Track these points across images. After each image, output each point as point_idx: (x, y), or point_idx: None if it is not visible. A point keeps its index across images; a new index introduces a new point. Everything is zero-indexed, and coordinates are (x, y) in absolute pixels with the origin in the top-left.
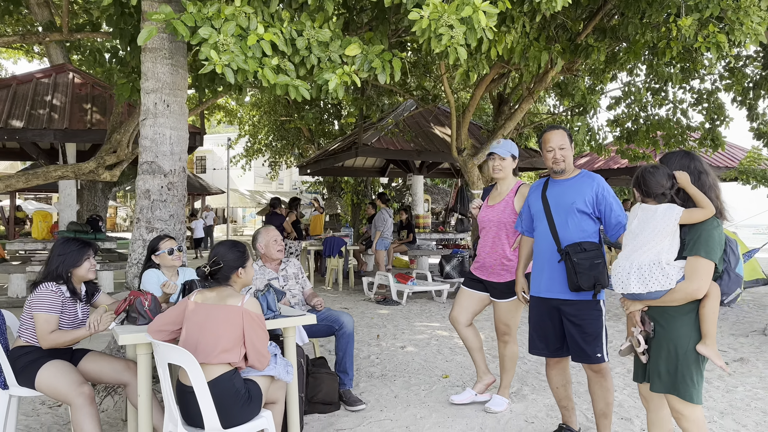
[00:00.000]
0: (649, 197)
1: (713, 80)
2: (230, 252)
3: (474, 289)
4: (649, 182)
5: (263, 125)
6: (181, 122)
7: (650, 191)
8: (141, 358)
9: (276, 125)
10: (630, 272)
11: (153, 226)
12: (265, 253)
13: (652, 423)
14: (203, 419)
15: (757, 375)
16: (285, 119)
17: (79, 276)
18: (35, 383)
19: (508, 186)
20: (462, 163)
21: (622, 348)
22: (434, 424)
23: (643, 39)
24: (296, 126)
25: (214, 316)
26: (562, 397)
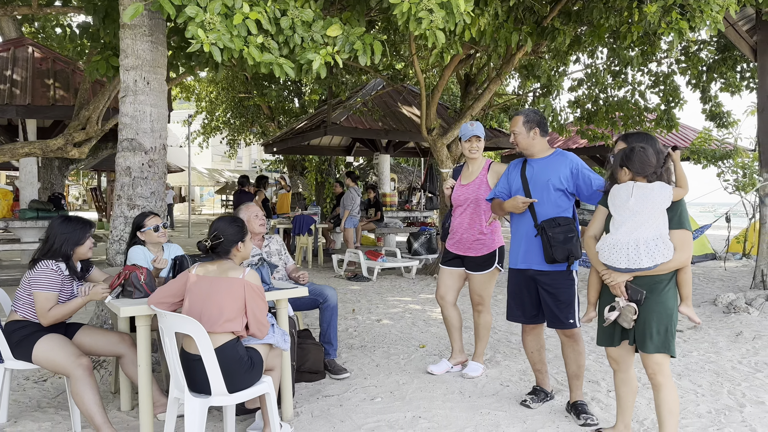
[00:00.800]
0: (640, 175)
1: (670, 63)
2: (230, 227)
3: (454, 266)
4: (642, 161)
5: (221, 102)
6: (161, 99)
7: (642, 170)
8: (141, 330)
9: (234, 102)
10: (638, 248)
11: (134, 203)
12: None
13: (621, 382)
14: (210, 385)
15: (709, 341)
16: (243, 96)
17: (80, 254)
18: (32, 356)
19: (479, 165)
20: (431, 143)
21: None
22: (416, 389)
23: (607, 23)
24: (255, 103)
25: (216, 287)
26: (536, 360)
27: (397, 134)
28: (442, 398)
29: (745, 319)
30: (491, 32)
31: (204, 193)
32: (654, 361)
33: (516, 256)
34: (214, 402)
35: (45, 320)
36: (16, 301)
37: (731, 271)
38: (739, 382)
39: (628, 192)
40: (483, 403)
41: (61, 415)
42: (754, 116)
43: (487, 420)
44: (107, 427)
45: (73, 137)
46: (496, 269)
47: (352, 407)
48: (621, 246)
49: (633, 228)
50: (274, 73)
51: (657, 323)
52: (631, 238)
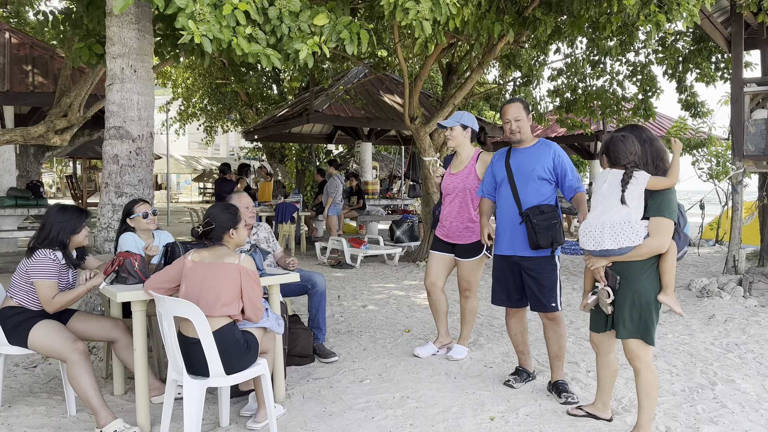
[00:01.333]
0: (616, 165)
1: (647, 54)
2: (222, 214)
3: (444, 252)
4: (618, 151)
5: (197, 88)
6: (148, 87)
7: (618, 159)
8: (136, 315)
9: (211, 88)
10: (603, 230)
11: (122, 190)
12: None
13: (601, 365)
14: (208, 367)
15: (683, 324)
16: (221, 82)
17: (76, 242)
18: (28, 342)
19: (468, 154)
20: (414, 131)
21: (588, 302)
22: (403, 371)
23: (587, 14)
24: (233, 90)
25: (213, 273)
26: (519, 342)
27: (379, 122)
28: (429, 379)
29: (717, 303)
30: (474, 22)
31: (181, 181)
32: (630, 347)
33: (501, 243)
34: (212, 383)
35: (50, 308)
36: (11, 287)
37: (705, 257)
38: (711, 362)
39: (604, 178)
40: (468, 384)
41: (54, 400)
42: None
43: (473, 399)
44: (104, 409)
45: (55, 124)
46: (485, 256)
47: (342, 389)
48: (590, 229)
49: (602, 212)
50: (261, 63)
51: (630, 310)
52: (598, 222)
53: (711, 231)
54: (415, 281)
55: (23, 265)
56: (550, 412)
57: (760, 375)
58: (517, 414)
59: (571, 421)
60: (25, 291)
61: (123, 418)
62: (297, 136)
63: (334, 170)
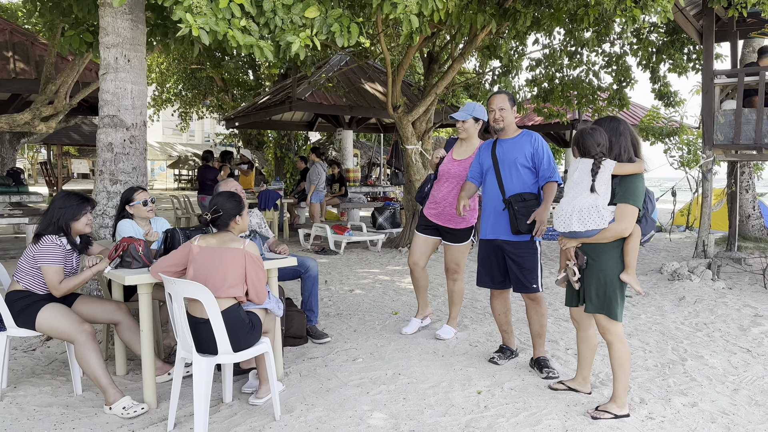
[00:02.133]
0: (585, 155)
1: (622, 45)
2: (228, 201)
3: (429, 235)
4: (586, 143)
5: (172, 73)
6: (141, 77)
7: (587, 150)
8: (143, 297)
9: (186, 74)
10: (572, 214)
11: (117, 178)
12: None
13: (581, 340)
14: (217, 345)
15: (655, 305)
16: (196, 68)
17: (76, 229)
18: (36, 324)
19: (472, 145)
20: (397, 120)
21: (558, 278)
22: (394, 350)
23: (566, 6)
24: (208, 75)
25: (219, 257)
26: (503, 322)
27: (361, 110)
28: (419, 357)
29: (687, 286)
30: (458, 14)
31: (155, 168)
32: (599, 321)
33: (486, 228)
34: (220, 360)
35: (58, 292)
36: (17, 272)
37: (676, 243)
38: (681, 340)
39: (575, 166)
40: (455, 361)
41: (58, 381)
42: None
43: (460, 375)
44: (112, 387)
45: (41, 111)
46: (471, 242)
47: (337, 367)
48: (561, 212)
49: (573, 197)
50: (254, 54)
51: (596, 287)
52: (569, 206)
53: (682, 217)
54: (399, 266)
55: (30, 250)
56: (533, 386)
57: (726, 351)
58: (502, 388)
59: (552, 394)
60: (32, 275)
61: (130, 396)
62: (278, 123)
63: (317, 158)
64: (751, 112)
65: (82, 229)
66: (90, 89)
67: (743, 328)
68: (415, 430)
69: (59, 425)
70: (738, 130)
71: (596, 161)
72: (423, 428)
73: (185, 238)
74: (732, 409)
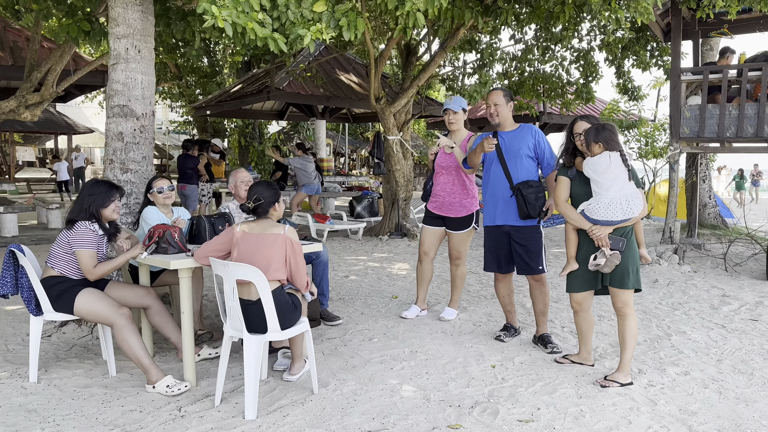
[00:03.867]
0: (612, 149)
1: (589, 41)
2: (267, 190)
3: (435, 226)
4: (614, 138)
5: None
6: (150, 67)
7: (614, 144)
8: (184, 281)
9: None
10: (630, 201)
11: (127, 167)
12: (236, 192)
13: (583, 320)
14: (267, 324)
15: None
16: None
17: (105, 216)
18: (74, 308)
19: (461, 136)
20: (379, 111)
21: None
22: (405, 331)
23: (546, 5)
24: (162, 61)
25: (262, 241)
26: (507, 303)
27: (337, 101)
28: (430, 337)
29: (658, 269)
30: (446, 10)
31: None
32: (625, 297)
33: (493, 215)
34: (269, 337)
35: (92, 276)
36: (51, 257)
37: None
38: (663, 318)
39: (607, 160)
40: (464, 339)
41: (87, 364)
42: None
43: (472, 351)
44: (154, 367)
45: (27, 99)
46: (473, 228)
47: (356, 346)
48: (616, 202)
49: (620, 187)
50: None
51: (632, 264)
52: (622, 195)
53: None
54: (384, 254)
55: (64, 236)
56: (540, 360)
57: (704, 327)
58: (513, 362)
59: (560, 366)
60: (66, 261)
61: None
62: (249, 112)
63: (302, 152)
64: (714, 108)
65: (111, 216)
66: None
67: (714, 307)
68: (445, 399)
69: (107, 404)
70: (703, 124)
71: (623, 154)
72: (451, 398)
73: (210, 226)
74: (719, 376)
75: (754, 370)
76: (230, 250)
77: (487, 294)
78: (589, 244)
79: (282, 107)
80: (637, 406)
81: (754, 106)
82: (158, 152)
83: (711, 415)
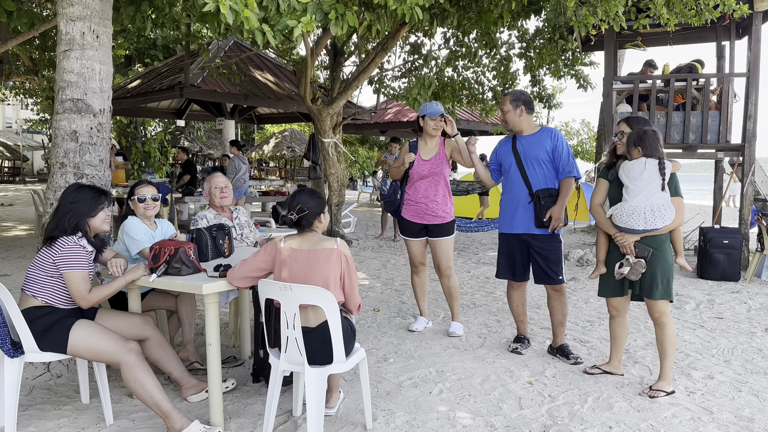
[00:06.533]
0: (650, 156)
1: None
2: (311, 199)
3: (418, 237)
4: (652, 144)
5: None
6: (109, 56)
7: (652, 150)
8: (211, 307)
9: None
10: (654, 212)
11: (82, 171)
12: (210, 200)
13: (618, 325)
14: (328, 353)
15: (586, 289)
16: None
17: (94, 227)
18: (69, 346)
19: (436, 142)
20: (316, 112)
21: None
22: (415, 348)
23: (496, 11)
24: (14, 53)
25: (316, 258)
26: (519, 313)
27: (256, 100)
28: (445, 353)
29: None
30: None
31: None
32: (659, 307)
33: (510, 222)
34: (333, 369)
35: (86, 303)
36: (30, 284)
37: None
38: (644, 321)
39: (642, 166)
40: (482, 354)
41: (67, 411)
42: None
43: (498, 367)
44: (176, 412)
45: None
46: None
47: (374, 369)
48: (639, 211)
49: (648, 196)
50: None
51: (661, 275)
52: (647, 204)
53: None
54: None
55: (45, 256)
56: (570, 372)
57: (686, 328)
58: (545, 376)
59: (595, 378)
60: (51, 287)
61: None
62: (144, 110)
63: (237, 150)
64: (644, 116)
65: (100, 227)
66: None
67: (677, 306)
68: (510, 425)
69: None
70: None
71: (662, 162)
72: (515, 423)
73: (212, 241)
74: (741, 377)
75: (762, 369)
76: (271, 270)
77: (468, 302)
78: (618, 249)
79: (181, 105)
80: (697, 416)
81: (680, 114)
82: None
83: (766, 418)
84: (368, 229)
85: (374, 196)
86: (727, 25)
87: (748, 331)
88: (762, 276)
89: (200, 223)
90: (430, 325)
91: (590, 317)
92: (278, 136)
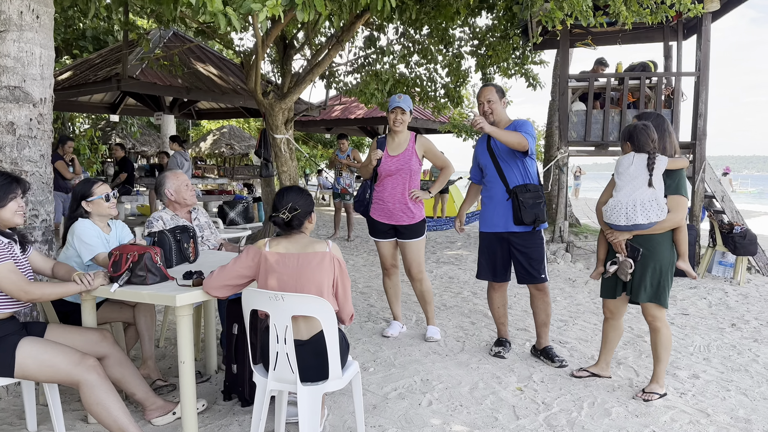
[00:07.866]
0: (639, 150)
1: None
2: (301, 197)
3: (387, 239)
4: (642, 138)
5: None
6: (50, 39)
7: (641, 145)
8: (184, 320)
9: None
10: (635, 207)
11: (21, 168)
12: (176, 199)
13: (612, 328)
14: (322, 369)
15: (558, 289)
16: None
17: (3, 219)
18: (16, 368)
19: (405, 137)
20: (268, 107)
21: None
22: (394, 355)
23: (455, 4)
24: None
25: (307, 263)
26: (500, 314)
27: (199, 94)
28: (426, 360)
29: (559, 268)
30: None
31: None
32: (649, 310)
33: (490, 220)
34: (329, 387)
35: (27, 296)
36: None
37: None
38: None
39: (629, 161)
40: (464, 359)
41: None
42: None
43: (483, 373)
44: None
45: None
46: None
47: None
48: (621, 206)
49: (631, 191)
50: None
51: (651, 277)
52: (629, 199)
53: None
54: None
55: None
56: (557, 375)
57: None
58: (533, 381)
59: (584, 381)
60: None
61: None
62: (74, 104)
63: (178, 147)
64: (599, 113)
65: (11, 219)
66: None
67: None
68: None
69: None
70: (588, 128)
71: (651, 156)
72: None
73: (176, 244)
74: (725, 376)
75: (741, 366)
76: (253, 277)
77: (438, 304)
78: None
79: (115, 99)
80: (695, 418)
81: (634, 112)
82: None
83: (762, 419)
84: (319, 229)
85: (320, 195)
86: (674, 26)
87: (717, 327)
88: (712, 271)
89: (156, 225)
90: (405, 329)
91: (563, 316)
92: (216, 133)
